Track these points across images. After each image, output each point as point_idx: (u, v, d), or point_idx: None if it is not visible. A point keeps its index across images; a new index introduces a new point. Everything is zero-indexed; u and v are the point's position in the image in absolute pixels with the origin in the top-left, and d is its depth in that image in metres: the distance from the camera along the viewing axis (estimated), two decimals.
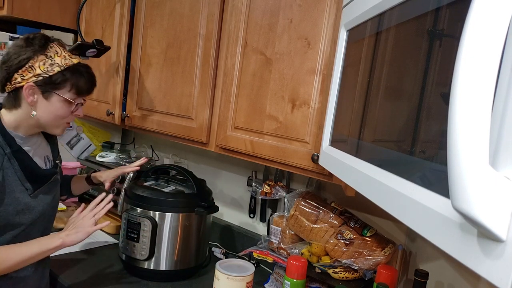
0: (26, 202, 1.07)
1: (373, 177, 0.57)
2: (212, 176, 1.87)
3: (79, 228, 1.12)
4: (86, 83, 1.09)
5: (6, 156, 1.03)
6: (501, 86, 0.33)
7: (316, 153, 1.08)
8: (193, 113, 1.43)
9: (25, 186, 1.07)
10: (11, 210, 1.04)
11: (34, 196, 1.09)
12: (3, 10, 1.77)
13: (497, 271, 0.31)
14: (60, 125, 1.12)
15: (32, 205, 1.09)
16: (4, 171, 1.03)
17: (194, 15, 1.42)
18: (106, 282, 1.33)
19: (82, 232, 1.12)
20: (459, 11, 0.42)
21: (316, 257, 1.26)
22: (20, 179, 1.06)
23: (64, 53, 1.08)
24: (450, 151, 0.32)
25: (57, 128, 1.12)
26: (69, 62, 1.07)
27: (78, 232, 1.12)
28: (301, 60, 1.13)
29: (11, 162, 1.04)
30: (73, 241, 1.10)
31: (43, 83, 1.03)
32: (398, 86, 0.59)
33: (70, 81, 1.06)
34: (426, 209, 0.41)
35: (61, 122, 1.11)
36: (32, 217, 1.09)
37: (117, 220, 1.81)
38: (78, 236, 1.11)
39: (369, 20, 0.71)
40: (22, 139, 1.09)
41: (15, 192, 1.05)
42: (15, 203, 1.04)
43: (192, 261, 1.43)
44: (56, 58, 1.05)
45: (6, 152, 1.03)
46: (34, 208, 1.09)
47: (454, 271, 1.02)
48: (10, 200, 1.04)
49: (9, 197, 1.03)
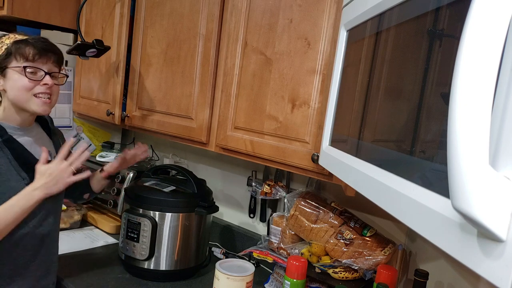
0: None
1: (373, 177, 0.57)
2: (212, 176, 1.87)
3: (57, 178, 1.09)
4: (32, 49, 1.07)
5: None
6: (501, 86, 0.33)
7: (316, 153, 1.08)
8: (193, 113, 1.43)
9: (21, 175, 1.08)
10: (6, 198, 1.04)
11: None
12: (3, 10, 1.77)
13: (497, 271, 0.31)
14: (30, 98, 1.08)
15: None
16: None
17: (194, 15, 1.42)
18: (106, 282, 1.33)
19: (61, 182, 1.09)
20: (459, 11, 0.42)
21: (316, 257, 1.26)
22: (15, 168, 1.07)
23: (18, 36, 1.10)
24: (450, 151, 0.32)
25: (31, 103, 1.09)
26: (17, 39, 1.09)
27: (57, 183, 1.09)
28: (301, 60, 1.13)
29: (3, 152, 1.06)
30: (52, 192, 1.09)
31: None
32: (398, 86, 0.59)
33: (15, 52, 1.07)
34: (426, 209, 0.41)
35: (29, 95, 1.08)
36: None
37: (117, 220, 1.81)
38: (57, 187, 1.09)
39: (369, 20, 0.71)
40: (16, 129, 1.11)
41: (11, 181, 1.06)
42: (10, 191, 1.05)
43: (192, 261, 1.43)
44: (6, 41, 1.09)
45: None
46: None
47: (454, 271, 1.02)
48: (4, 189, 1.05)
49: (4, 185, 1.05)
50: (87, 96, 1.91)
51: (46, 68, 1.10)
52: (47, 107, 1.12)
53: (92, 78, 1.87)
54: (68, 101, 1.99)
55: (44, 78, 1.09)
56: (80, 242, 1.64)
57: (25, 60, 1.07)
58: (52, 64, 1.12)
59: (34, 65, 1.08)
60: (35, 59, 1.08)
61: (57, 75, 1.14)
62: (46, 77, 1.09)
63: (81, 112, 1.95)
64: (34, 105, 1.09)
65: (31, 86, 1.08)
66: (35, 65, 1.08)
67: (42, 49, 1.09)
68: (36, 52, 1.08)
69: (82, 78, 1.94)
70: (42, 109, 1.10)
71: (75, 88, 1.98)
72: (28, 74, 1.07)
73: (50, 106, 1.13)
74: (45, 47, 1.10)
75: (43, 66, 1.09)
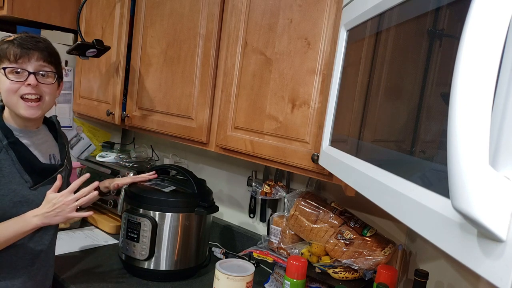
0: (24, 195, 1.07)
1: (373, 177, 0.57)
2: (212, 176, 1.87)
3: (59, 211, 1.07)
4: (13, 49, 1.02)
5: (4, 148, 1.04)
6: (501, 86, 0.33)
7: (316, 153, 1.08)
8: (193, 113, 1.43)
9: (24, 178, 1.07)
10: (7, 201, 1.04)
11: (34, 189, 1.09)
12: (3, 10, 1.77)
13: (497, 271, 0.31)
14: (17, 101, 1.04)
15: (31, 198, 1.09)
16: (0, 162, 1.03)
17: (194, 15, 1.42)
18: (106, 282, 1.33)
19: (61, 216, 1.07)
20: (459, 11, 0.42)
21: (316, 257, 1.26)
22: (18, 171, 1.06)
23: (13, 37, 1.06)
24: (450, 151, 0.32)
25: (18, 107, 1.05)
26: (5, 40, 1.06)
27: (58, 215, 1.07)
28: (301, 60, 1.13)
29: (8, 154, 1.05)
30: (50, 223, 1.07)
31: None
32: (398, 86, 0.59)
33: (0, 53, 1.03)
34: (426, 209, 0.41)
35: (15, 98, 1.04)
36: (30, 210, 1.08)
37: (117, 220, 1.81)
38: (56, 220, 1.07)
39: (369, 20, 0.71)
40: (21, 131, 1.10)
41: (12, 184, 1.05)
42: (11, 194, 1.04)
43: (192, 261, 1.43)
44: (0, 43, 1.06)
45: (3, 143, 1.04)
46: (33, 202, 1.09)
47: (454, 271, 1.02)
48: (6, 191, 1.04)
49: (5, 188, 1.04)
50: (87, 96, 1.91)
51: (31, 68, 1.04)
52: (34, 111, 1.06)
53: (92, 78, 1.87)
54: (68, 101, 1.99)
55: (28, 78, 1.04)
56: (80, 242, 1.64)
57: (7, 61, 1.03)
58: (38, 62, 1.05)
59: (16, 65, 1.03)
60: (17, 59, 1.03)
61: (47, 75, 1.08)
62: (30, 77, 1.04)
63: (81, 112, 1.95)
64: (21, 109, 1.05)
65: (14, 88, 1.03)
66: (17, 66, 1.03)
67: (25, 48, 1.03)
68: (17, 51, 1.03)
69: (82, 78, 1.94)
70: (29, 112, 1.05)
71: (75, 88, 1.98)
72: (9, 76, 1.03)
73: (39, 108, 1.07)
74: (28, 46, 1.04)
75: (27, 65, 1.04)
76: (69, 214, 1.08)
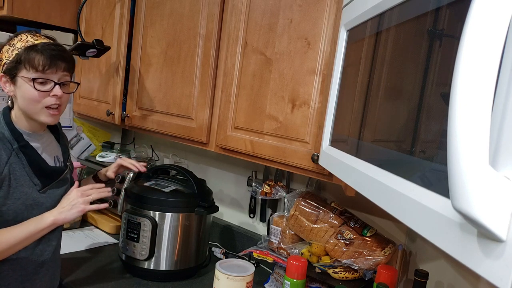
0: (34, 198, 1.07)
1: (373, 177, 0.57)
2: (212, 176, 1.87)
3: (73, 204, 1.09)
4: (42, 59, 1.02)
5: (14, 151, 1.04)
6: (501, 86, 0.33)
7: (316, 153, 1.08)
8: (193, 113, 1.43)
9: (34, 181, 1.08)
10: (20, 204, 1.04)
11: (43, 192, 1.10)
12: (3, 10, 1.77)
13: (497, 271, 0.31)
14: (40, 110, 1.05)
15: (41, 201, 1.09)
16: (11, 166, 1.03)
17: (194, 15, 1.42)
18: (106, 282, 1.33)
19: (76, 209, 1.09)
20: (459, 11, 0.42)
21: (316, 257, 1.26)
22: (28, 174, 1.07)
23: (29, 38, 1.05)
24: (450, 151, 0.32)
25: (40, 114, 1.06)
26: (28, 43, 1.04)
27: (72, 209, 1.08)
28: (301, 60, 1.13)
29: (19, 157, 1.05)
30: (65, 218, 1.08)
31: (7, 69, 1.04)
32: (398, 86, 0.59)
33: (25, 60, 1.02)
34: (426, 209, 0.41)
35: (38, 107, 1.05)
36: (40, 213, 1.09)
37: (117, 220, 1.81)
38: (71, 213, 1.08)
39: (369, 20, 0.71)
40: (29, 135, 1.10)
41: (24, 187, 1.06)
42: (23, 197, 1.05)
43: (192, 261, 1.43)
44: (18, 44, 1.04)
45: (14, 147, 1.05)
46: (43, 204, 1.10)
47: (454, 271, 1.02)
48: (18, 195, 1.04)
49: (17, 191, 1.04)
50: (87, 96, 1.91)
51: (56, 78, 1.05)
52: (56, 118, 1.10)
53: (92, 78, 1.87)
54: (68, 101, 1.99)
55: (54, 89, 1.05)
56: (80, 242, 1.64)
57: (34, 71, 1.02)
58: (63, 72, 1.07)
59: (43, 76, 1.03)
60: (45, 69, 1.03)
61: (68, 84, 1.11)
62: (55, 88, 1.05)
63: (81, 112, 1.95)
64: (43, 117, 1.07)
65: (40, 98, 1.04)
66: (45, 77, 1.04)
67: (52, 58, 1.03)
68: (45, 62, 1.02)
69: (82, 78, 1.94)
70: (51, 119, 1.08)
71: None
72: (37, 86, 1.03)
73: (59, 115, 1.11)
74: (55, 55, 1.04)
75: (53, 76, 1.05)
76: (83, 206, 1.10)
